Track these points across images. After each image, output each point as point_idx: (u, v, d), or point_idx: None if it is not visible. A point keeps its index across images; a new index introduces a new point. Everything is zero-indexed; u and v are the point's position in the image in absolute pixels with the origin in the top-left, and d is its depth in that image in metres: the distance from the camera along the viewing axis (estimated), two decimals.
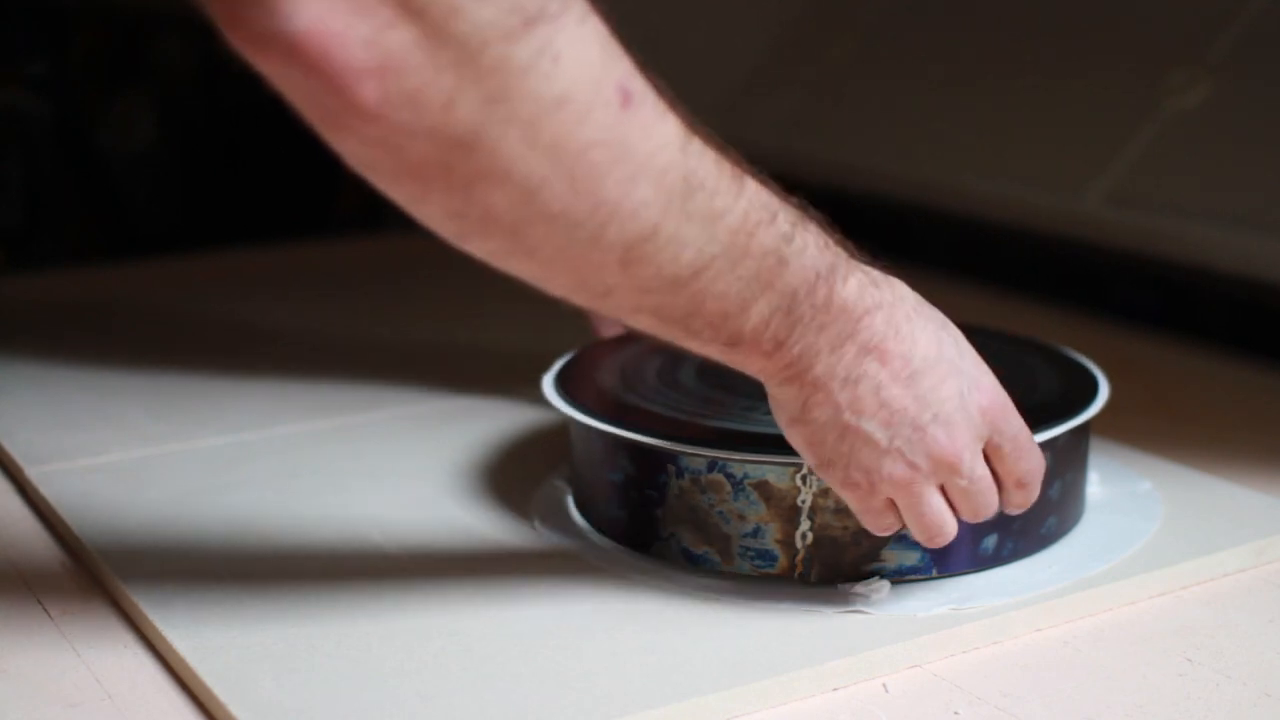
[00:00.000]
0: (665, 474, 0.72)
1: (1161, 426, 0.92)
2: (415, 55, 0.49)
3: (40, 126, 1.64)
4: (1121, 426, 0.87)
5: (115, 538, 0.77)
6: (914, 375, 0.61)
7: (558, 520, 0.79)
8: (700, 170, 0.55)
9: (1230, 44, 1.19)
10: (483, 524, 0.79)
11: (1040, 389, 0.79)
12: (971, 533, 0.71)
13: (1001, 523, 0.72)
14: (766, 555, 0.71)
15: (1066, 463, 0.75)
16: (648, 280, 0.56)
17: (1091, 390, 0.78)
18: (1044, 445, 0.72)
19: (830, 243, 0.60)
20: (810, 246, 0.59)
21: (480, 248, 0.55)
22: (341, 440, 0.92)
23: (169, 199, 1.74)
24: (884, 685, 0.64)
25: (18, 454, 0.89)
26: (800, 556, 0.70)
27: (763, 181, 0.58)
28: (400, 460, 0.88)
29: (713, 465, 0.71)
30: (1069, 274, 1.25)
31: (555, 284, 0.56)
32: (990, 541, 0.72)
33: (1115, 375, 0.82)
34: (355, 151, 0.51)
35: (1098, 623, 0.70)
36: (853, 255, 0.62)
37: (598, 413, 0.75)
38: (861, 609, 0.69)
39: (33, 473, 0.86)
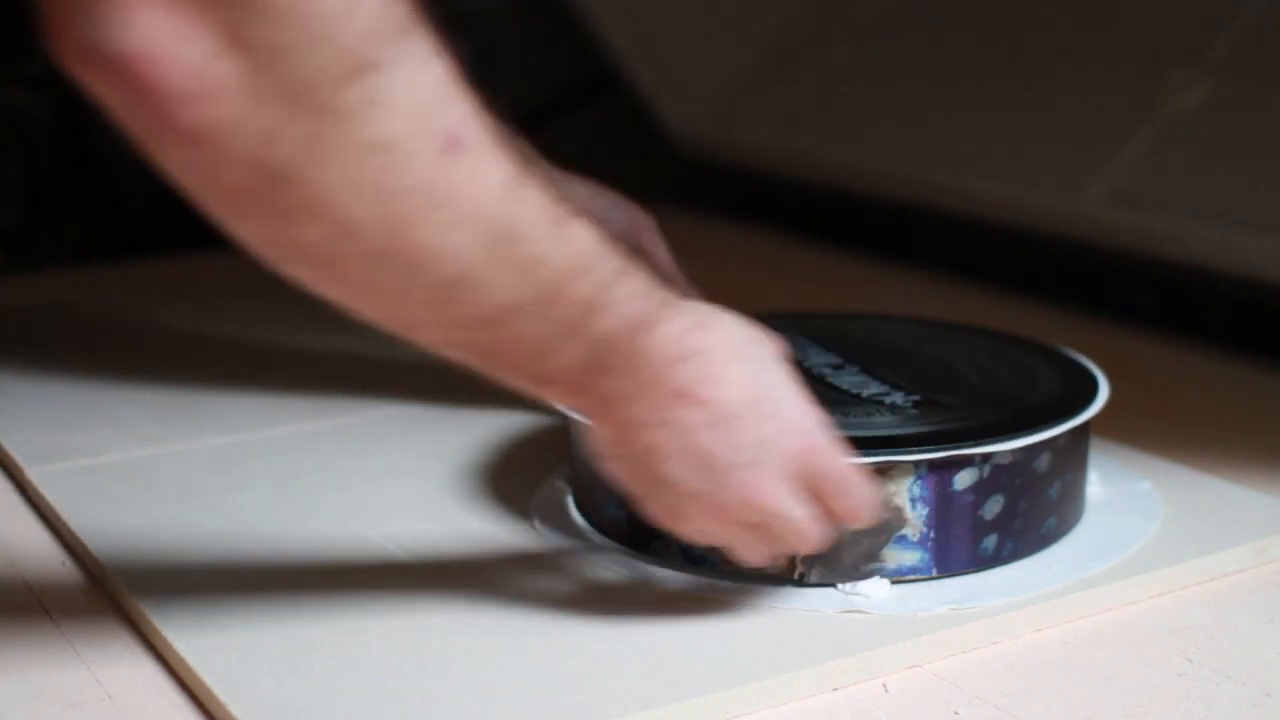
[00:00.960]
0: None
1: (1161, 426, 0.92)
2: (238, 88, 0.49)
3: (40, 126, 1.63)
4: (1121, 426, 0.87)
5: (115, 538, 0.77)
6: (726, 420, 0.61)
7: (558, 520, 0.79)
8: (522, 218, 0.55)
9: (1230, 44, 1.19)
10: (483, 524, 0.79)
11: (1040, 389, 0.79)
12: (972, 533, 0.71)
13: (1001, 523, 0.72)
14: None
15: (1066, 463, 0.75)
16: (457, 319, 0.56)
17: (1091, 390, 0.78)
18: (1044, 445, 0.72)
19: (654, 290, 0.61)
20: (627, 296, 0.59)
21: (295, 273, 0.55)
22: (341, 440, 0.92)
23: (169, 199, 1.74)
24: (884, 685, 0.64)
25: (18, 454, 0.89)
26: (800, 556, 0.70)
27: (587, 233, 0.58)
28: (400, 460, 0.88)
29: None
30: (1069, 274, 1.25)
31: (366, 313, 0.57)
32: (990, 541, 0.72)
33: (1115, 375, 0.82)
34: (173, 169, 0.52)
35: (1098, 623, 0.70)
36: (680, 297, 0.62)
37: None
38: (861, 609, 0.69)
39: (33, 473, 0.86)
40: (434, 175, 0.52)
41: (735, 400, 0.61)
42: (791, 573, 0.71)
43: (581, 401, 0.62)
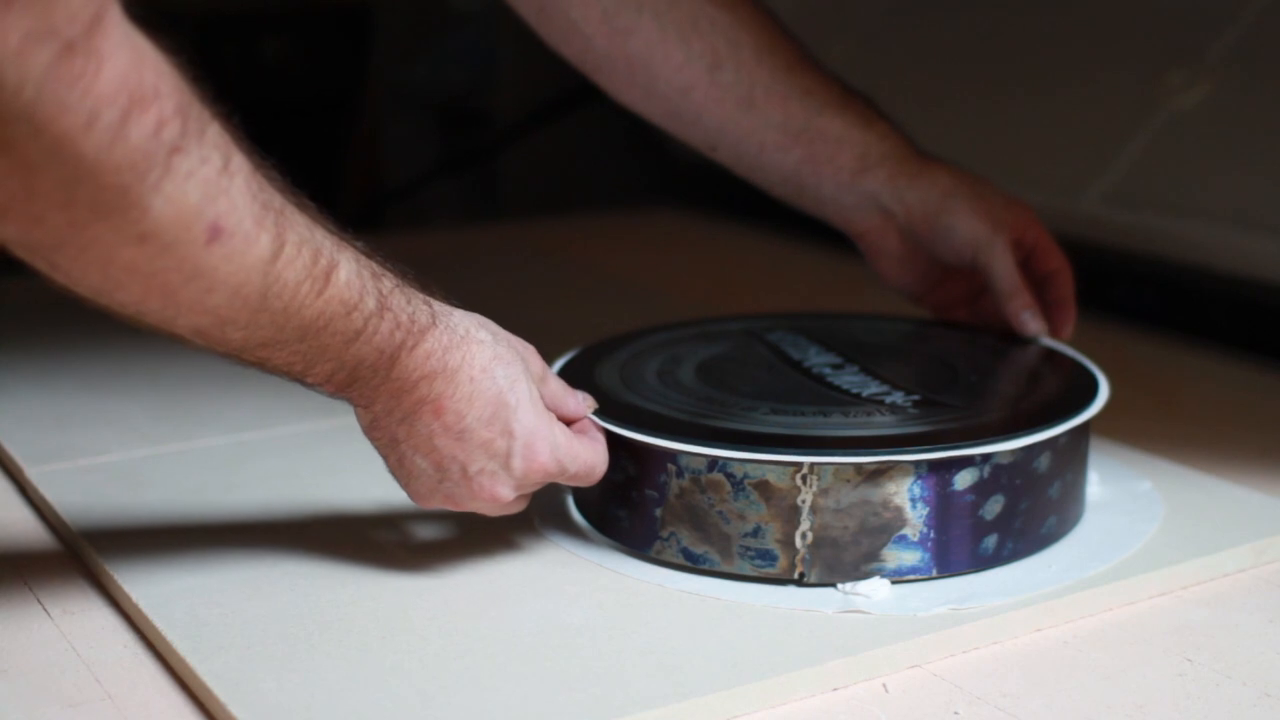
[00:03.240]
0: (665, 474, 0.72)
1: (1161, 426, 0.92)
2: (9, 182, 0.53)
3: None
4: (1121, 426, 0.87)
5: (115, 538, 0.77)
6: (464, 431, 0.68)
7: (558, 520, 0.79)
8: (283, 278, 0.60)
9: (1230, 44, 1.19)
10: (483, 523, 0.79)
11: (1040, 389, 0.79)
12: (972, 533, 0.71)
13: (1002, 523, 0.72)
14: (766, 555, 0.71)
15: (1066, 463, 0.75)
16: (217, 345, 0.62)
17: (1091, 390, 0.78)
18: (1044, 445, 0.72)
19: (414, 315, 0.66)
20: (383, 329, 0.65)
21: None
22: (341, 440, 0.91)
23: None
24: (884, 685, 0.64)
25: (18, 454, 0.89)
26: (800, 556, 0.71)
27: (351, 274, 0.63)
28: None
29: (713, 465, 0.71)
30: None
31: (141, 321, 0.61)
32: (990, 541, 0.72)
33: (1115, 375, 0.82)
34: None
35: (1098, 623, 0.70)
36: (426, 326, 0.66)
37: (598, 412, 0.75)
38: (861, 609, 0.69)
39: (33, 473, 0.86)
40: (192, 261, 0.57)
41: (474, 416, 0.67)
42: (791, 573, 0.71)
43: (339, 395, 0.67)
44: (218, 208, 0.57)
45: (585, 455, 0.71)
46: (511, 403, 0.68)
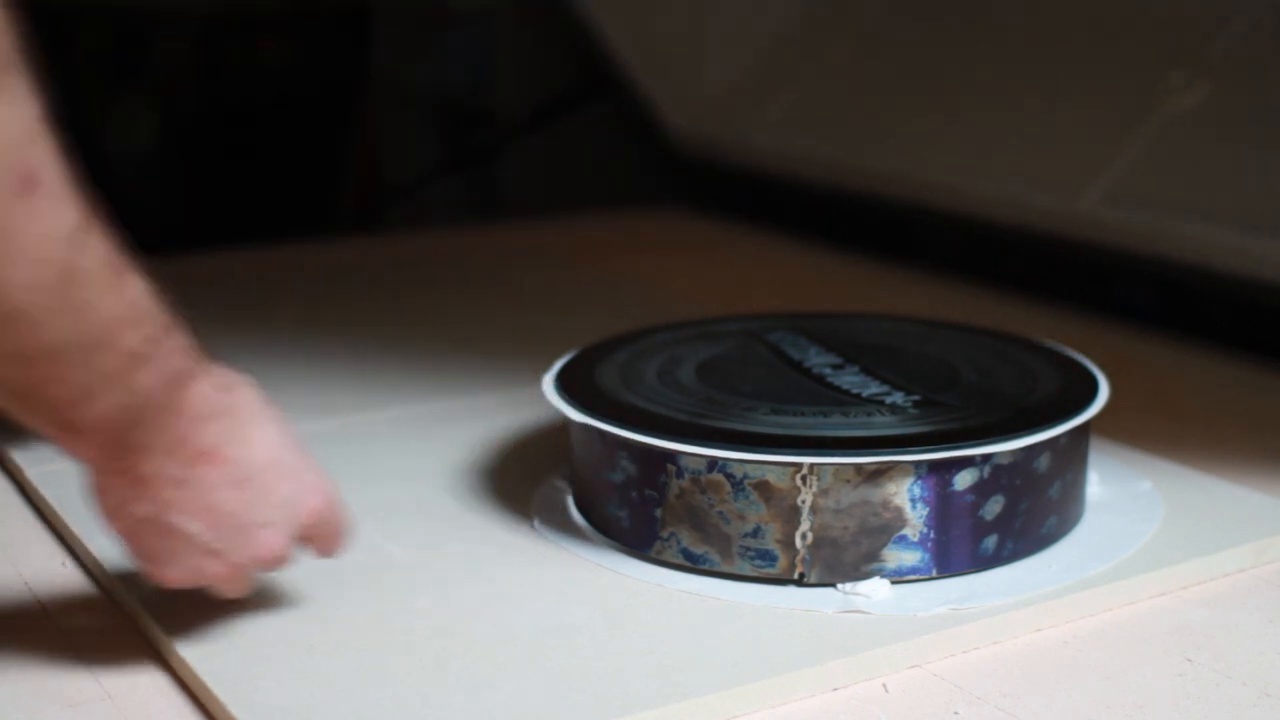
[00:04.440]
0: (665, 474, 0.72)
1: (1161, 426, 0.92)
2: None
3: None
4: (1121, 426, 0.87)
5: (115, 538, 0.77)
6: (246, 479, 0.63)
7: (558, 520, 0.79)
8: (84, 264, 0.56)
9: (1230, 44, 1.19)
10: (483, 524, 0.79)
11: (1040, 389, 0.79)
12: (972, 533, 0.71)
13: (1002, 523, 0.72)
14: (766, 555, 0.71)
15: (1066, 463, 0.75)
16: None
17: (1091, 390, 0.78)
18: (1044, 445, 0.72)
19: (188, 350, 0.62)
20: (170, 352, 0.60)
21: None
22: (341, 440, 0.92)
23: (169, 199, 1.74)
24: (884, 685, 0.64)
25: (18, 454, 0.89)
26: (800, 556, 0.71)
27: (143, 286, 0.59)
28: (400, 460, 0.88)
29: (713, 465, 0.71)
30: (1069, 274, 1.25)
31: None
32: (990, 541, 0.72)
33: (1115, 375, 0.82)
34: None
35: (1098, 623, 0.70)
36: (200, 364, 0.63)
37: (598, 413, 0.75)
38: (861, 609, 0.69)
39: (33, 473, 0.86)
40: (4, 211, 0.52)
41: (258, 460, 0.63)
42: (791, 573, 0.71)
43: (101, 455, 0.62)
44: (35, 154, 0.52)
45: (343, 513, 0.68)
46: (289, 443, 0.65)
